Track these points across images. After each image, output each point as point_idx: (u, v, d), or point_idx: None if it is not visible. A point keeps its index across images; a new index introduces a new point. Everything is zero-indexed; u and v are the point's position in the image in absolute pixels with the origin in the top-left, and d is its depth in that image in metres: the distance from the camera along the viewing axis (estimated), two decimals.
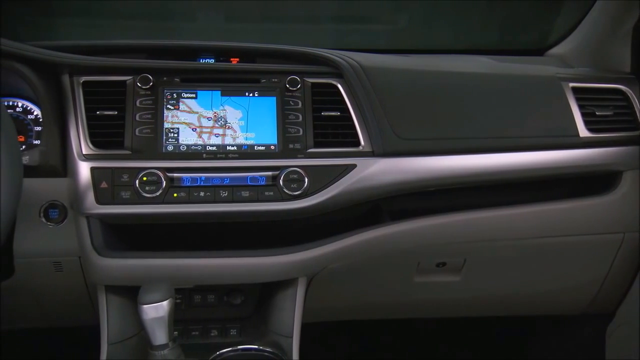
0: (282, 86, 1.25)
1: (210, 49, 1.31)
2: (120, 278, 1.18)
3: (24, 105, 1.25)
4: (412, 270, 1.39)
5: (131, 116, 1.19)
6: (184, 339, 1.24)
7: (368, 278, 1.39)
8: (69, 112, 1.18)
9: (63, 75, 1.20)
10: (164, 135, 1.20)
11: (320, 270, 1.27)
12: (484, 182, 1.30)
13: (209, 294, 1.32)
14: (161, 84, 1.22)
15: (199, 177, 1.18)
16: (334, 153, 1.22)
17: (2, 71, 1.14)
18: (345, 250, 1.24)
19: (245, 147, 1.21)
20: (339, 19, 2.01)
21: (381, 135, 1.23)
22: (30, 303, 1.34)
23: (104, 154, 1.16)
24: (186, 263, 1.18)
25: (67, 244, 1.20)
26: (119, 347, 1.19)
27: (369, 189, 1.23)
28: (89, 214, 1.15)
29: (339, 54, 1.29)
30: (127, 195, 1.14)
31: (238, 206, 1.18)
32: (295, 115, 1.24)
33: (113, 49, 1.27)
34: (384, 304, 1.52)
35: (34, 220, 1.18)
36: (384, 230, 1.27)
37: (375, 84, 1.25)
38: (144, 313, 1.04)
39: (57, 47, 1.21)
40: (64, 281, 1.26)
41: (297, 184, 1.18)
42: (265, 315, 1.29)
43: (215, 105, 1.24)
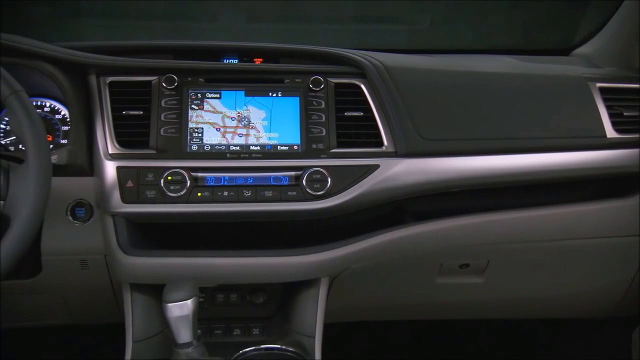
0: (306, 86, 1.25)
1: (234, 49, 1.31)
2: (145, 276, 1.19)
3: (52, 105, 1.26)
4: (434, 272, 1.39)
5: (156, 116, 1.20)
6: (207, 337, 1.25)
7: (390, 279, 1.38)
8: (95, 112, 1.19)
9: (90, 75, 1.21)
10: (189, 135, 1.21)
11: (342, 271, 1.27)
12: (508, 183, 1.29)
13: (232, 293, 1.33)
14: (186, 84, 1.23)
15: (222, 177, 1.18)
16: (357, 153, 1.22)
17: (32, 72, 1.16)
18: (367, 250, 1.24)
19: (269, 147, 1.22)
20: (359, 19, 2.00)
21: (404, 135, 1.22)
22: (56, 300, 1.36)
23: (129, 153, 1.18)
24: (210, 262, 1.19)
25: (93, 242, 1.21)
26: (144, 344, 1.20)
27: (391, 190, 1.22)
28: (114, 212, 1.16)
29: (362, 54, 1.29)
30: (152, 194, 1.16)
31: (261, 206, 1.18)
32: (318, 116, 1.24)
33: (138, 49, 1.28)
34: (405, 305, 1.51)
35: (61, 218, 1.19)
36: (407, 231, 1.26)
37: (398, 84, 1.25)
38: (169, 311, 1.05)
39: (84, 48, 1.22)
40: (89, 279, 1.27)
41: (320, 184, 1.18)
42: (288, 315, 1.29)
43: (239, 105, 1.24)
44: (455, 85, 1.31)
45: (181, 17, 1.94)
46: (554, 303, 1.56)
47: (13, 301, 1.30)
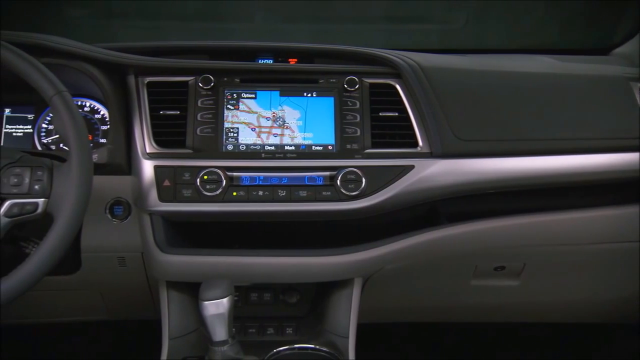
0: (340, 86, 1.25)
1: (269, 49, 1.32)
2: (181, 274, 1.21)
3: (92, 105, 1.29)
4: (469, 273, 1.38)
5: (193, 116, 1.22)
6: (241, 335, 1.26)
7: (424, 280, 1.38)
8: (134, 112, 1.21)
9: (129, 75, 1.23)
10: (224, 134, 1.22)
11: (376, 271, 1.26)
12: (545, 185, 1.27)
13: (265, 292, 1.34)
14: (222, 84, 1.24)
15: (257, 177, 1.19)
16: (392, 154, 1.22)
17: (72, 72, 1.18)
18: (401, 251, 1.23)
19: (303, 147, 1.22)
20: (392, 19, 1.99)
21: (440, 136, 1.21)
22: (94, 297, 1.39)
23: (166, 152, 1.19)
24: (245, 261, 1.20)
25: (130, 240, 1.23)
26: (179, 342, 1.22)
27: (426, 191, 1.22)
28: (152, 211, 1.18)
29: (397, 54, 1.28)
30: (189, 193, 1.17)
31: (295, 206, 1.19)
32: (353, 116, 1.24)
33: (175, 50, 1.30)
34: (439, 307, 1.50)
35: (100, 216, 1.22)
36: (441, 233, 1.25)
37: (434, 84, 1.24)
38: (205, 309, 1.06)
39: (123, 49, 1.24)
40: (127, 276, 1.30)
41: (355, 185, 1.18)
42: (321, 315, 1.30)
43: (274, 105, 1.25)
44: (491, 86, 1.30)
45: (212, 18, 1.96)
46: (590, 307, 1.53)
47: (53, 297, 1.33)
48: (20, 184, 0.96)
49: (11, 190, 0.95)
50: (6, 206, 0.95)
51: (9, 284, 0.91)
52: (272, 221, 1.24)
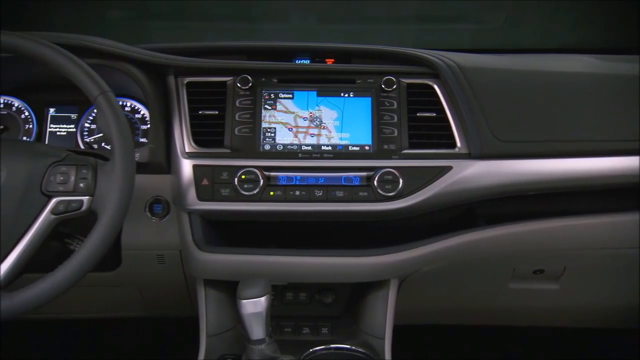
0: (378, 87, 1.25)
1: (307, 49, 1.32)
2: (219, 272, 1.22)
3: (132, 104, 1.32)
4: (507, 276, 1.36)
5: (231, 116, 1.23)
6: (277, 335, 1.26)
7: (461, 282, 1.36)
8: (173, 112, 1.23)
9: (169, 76, 1.25)
10: (262, 134, 1.22)
11: (412, 273, 1.26)
12: (588, 187, 1.24)
13: (301, 292, 1.34)
14: (260, 85, 1.25)
15: (294, 176, 1.20)
16: (429, 154, 1.21)
17: (114, 72, 1.20)
18: (439, 253, 1.22)
19: (340, 147, 1.22)
20: (425, 18, 1.98)
21: (479, 136, 1.20)
22: (133, 293, 1.41)
23: (205, 152, 1.21)
24: (282, 261, 1.20)
25: (169, 238, 1.25)
26: (216, 339, 1.23)
27: (464, 192, 1.20)
28: (190, 209, 1.20)
29: (436, 54, 1.27)
30: (227, 192, 1.18)
31: (332, 206, 1.19)
32: (390, 116, 1.23)
33: (213, 50, 1.31)
34: (475, 310, 1.48)
35: (139, 214, 1.24)
36: (479, 235, 1.24)
37: (473, 85, 1.23)
38: (243, 308, 1.06)
39: (163, 49, 1.26)
40: (165, 274, 1.32)
41: (392, 185, 1.18)
42: (357, 316, 1.29)
43: (311, 105, 1.25)
44: (531, 86, 1.28)
45: (245, 19, 1.97)
46: (633, 313, 1.49)
47: (94, 293, 1.36)
48: (66, 182, 0.98)
49: (57, 188, 0.98)
50: (52, 203, 0.97)
51: (55, 279, 0.93)
52: (308, 221, 1.25)
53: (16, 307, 0.92)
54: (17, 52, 0.99)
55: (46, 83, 1.29)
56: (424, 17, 1.97)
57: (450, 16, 1.94)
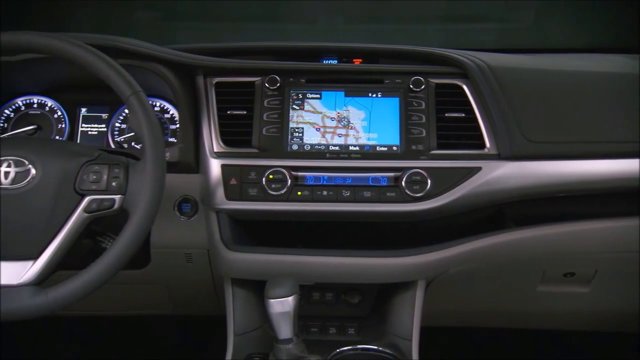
0: (406, 87, 1.24)
1: (335, 49, 1.32)
2: (247, 272, 1.23)
3: (162, 104, 1.33)
4: (536, 279, 1.34)
5: (259, 116, 1.23)
6: (304, 334, 1.27)
7: (489, 284, 1.35)
8: (202, 112, 1.24)
9: (198, 76, 1.26)
10: (289, 134, 1.23)
11: (440, 274, 1.25)
12: (621, 188, 1.22)
13: (327, 292, 1.34)
14: (287, 85, 1.25)
15: (322, 177, 1.20)
16: (458, 155, 1.20)
17: (144, 72, 1.21)
18: (467, 254, 1.21)
19: (368, 147, 1.22)
20: (452, 18, 1.96)
21: (509, 137, 1.18)
22: (161, 291, 1.43)
23: (233, 152, 1.21)
24: (310, 260, 1.20)
25: (197, 237, 1.26)
26: (244, 338, 1.24)
27: (493, 193, 1.19)
28: (218, 209, 1.20)
29: (465, 54, 1.26)
30: (255, 192, 1.19)
31: (359, 206, 1.18)
32: (418, 116, 1.23)
33: (242, 50, 1.32)
34: (504, 312, 1.47)
35: (168, 213, 1.25)
36: (508, 236, 1.22)
37: (503, 85, 1.21)
38: (271, 307, 1.07)
39: (192, 50, 1.27)
40: (193, 272, 1.33)
41: (420, 186, 1.17)
42: (384, 316, 1.29)
43: (338, 105, 1.25)
44: (562, 86, 1.26)
45: (268, 19, 1.98)
46: None
47: (123, 290, 1.38)
48: (98, 180, 1.00)
49: (90, 186, 0.99)
50: (85, 202, 0.99)
51: (88, 276, 0.94)
52: (334, 221, 1.25)
53: (51, 304, 0.93)
54: (52, 53, 1.01)
55: (78, 83, 1.31)
56: (451, 17, 1.95)
57: (476, 16, 1.91)
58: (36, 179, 0.98)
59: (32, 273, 0.96)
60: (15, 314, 0.94)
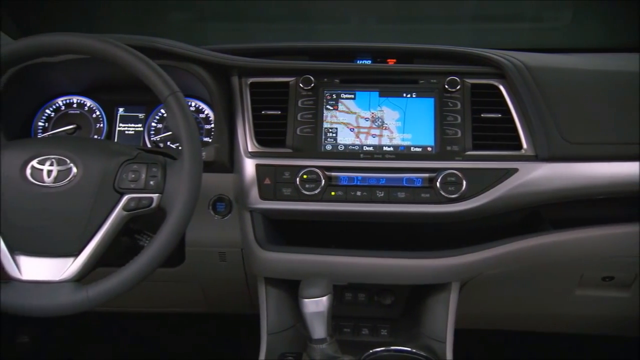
0: (441, 87, 1.23)
1: (369, 50, 1.32)
2: (280, 271, 1.23)
3: (197, 104, 1.34)
4: (573, 282, 1.31)
5: (293, 116, 1.24)
6: (336, 334, 1.26)
7: (524, 287, 1.33)
8: (237, 112, 1.25)
9: (233, 76, 1.27)
10: (324, 134, 1.23)
11: (474, 276, 1.23)
12: None
13: (360, 293, 1.34)
14: (322, 85, 1.26)
15: (355, 177, 1.20)
16: (494, 156, 1.18)
17: (180, 73, 1.22)
18: (503, 257, 1.20)
19: (402, 148, 1.21)
20: (483, 17, 1.93)
21: (547, 138, 1.17)
22: (195, 289, 1.44)
23: (267, 151, 1.22)
24: (343, 261, 1.20)
25: (231, 235, 1.27)
26: (277, 337, 1.24)
27: (531, 195, 1.18)
28: (252, 208, 1.21)
29: (501, 54, 1.25)
30: (288, 192, 1.19)
31: (393, 207, 1.18)
32: (453, 117, 1.21)
33: (276, 51, 1.32)
34: (540, 316, 1.44)
35: (203, 212, 1.26)
36: (545, 239, 1.21)
37: (540, 85, 1.19)
38: (305, 307, 1.07)
39: (226, 50, 1.28)
40: (226, 271, 1.34)
41: (455, 187, 1.16)
42: (417, 318, 1.28)
43: (372, 106, 1.25)
44: (601, 86, 1.23)
45: (299, 20, 1.98)
46: None
47: (158, 288, 1.40)
48: (137, 179, 1.01)
49: (129, 185, 1.01)
50: (124, 200, 1.00)
51: (127, 273, 0.96)
52: (368, 221, 1.24)
53: (91, 300, 0.95)
54: (93, 54, 1.03)
55: (116, 83, 1.33)
56: (483, 17, 1.93)
57: (509, 15, 1.89)
58: (77, 177, 1.00)
59: (73, 270, 0.98)
60: (57, 310, 0.96)
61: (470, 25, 1.95)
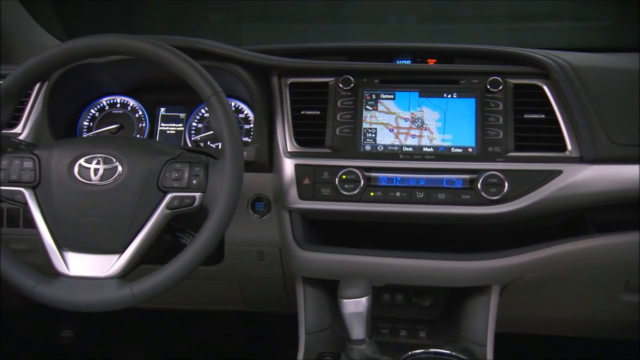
0: (483, 87, 1.22)
1: (409, 49, 1.31)
2: (318, 271, 1.24)
3: (236, 104, 1.36)
4: (618, 287, 1.28)
5: (332, 116, 1.24)
6: (374, 335, 1.26)
7: (567, 291, 1.30)
8: (276, 112, 1.26)
9: (272, 77, 1.28)
10: (363, 135, 1.22)
11: (516, 279, 1.21)
12: None
13: (398, 294, 1.34)
14: (361, 85, 1.25)
15: (395, 177, 1.19)
16: (537, 157, 1.16)
17: (221, 73, 1.23)
18: (545, 260, 1.18)
19: (442, 148, 1.20)
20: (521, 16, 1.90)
21: (592, 140, 1.14)
22: (233, 288, 1.46)
23: (306, 151, 1.22)
24: (382, 262, 1.20)
25: (269, 235, 1.28)
26: (315, 337, 1.25)
27: (575, 197, 1.15)
28: (291, 208, 1.22)
29: (545, 53, 1.22)
30: (327, 192, 1.19)
31: (433, 208, 1.17)
32: (495, 118, 1.20)
33: (316, 51, 1.32)
34: (583, 321, 1.41)
35: (242, 211, 1.27)
36: (589, 243, 1.18)
37: (586, 85, 1.17)
38: (344, 307, 1.07)
39: (266, 51, 1.29)
40: (264, 270, 1.34)
41: (497, 189, 1.14)
42: (456, 321, 1.27)
43: (412, 106, 1.24)
44: None
45: (334, 20, 1.98)
46: None
47: (197, 286, 1.41)
48: (180, 178, 1.02)
49: (172, 184, 1.02)
50: (168, 199, 1.02)
51: (170, 271, 0.97)
52: (405, 222, 1.23)
53: (135, 296, 0.97)
54: (138, 55, 1.04)
55: (158, 84, 1.36)
56: (521, 16, 1.90)
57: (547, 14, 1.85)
58: (123, 176, 1.02)
59: (118, 266, 0.99)
60: (102, 305, 0.98)
61: (507, 24, 1.92)
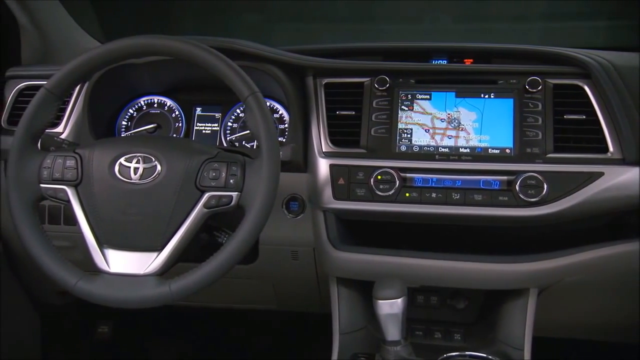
0: (521, 87, 1.20)
1: (445, 49, 1.30)
2: (353, 271, 1.23)
3: (271, 104, 1.36)
4: None
5: (367, 116, 1.23)
6: (409, 337, 1.25)
7: (607, 295, 1.27)
8: (312, 112, 1.26)
9: (308, 77, 1.28)
10: (398, 135, 1.22)
11: (554, 283, 1.19)
12: None
13: (432, 296, 1.32)
14: (397, 86, 1.25)
15: (430, 178, 1.18)
16: (577, 159, 1.14)
17: (256, 73, 1.24)
18: (584, 264, 1.16)
19: (479, 149, 1.19)
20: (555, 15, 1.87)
21: (635, 141, 1.11)
22: (267, 287, 1.46)
23: (341, 152, 1.22)
24: (417, 263, 1.19)
25: (303, 235, 1.28)
26: (348, 338, 1.24)
27: (617, 200, 1.13)
28: (326, 208, 1.22)
29: (586, 53, 1.20)
30: (362, 192, 1.19)
31: (470, 209, 1.15)
32: (534, 118, 1.18)
33: (351, 51, 1.32)
34: (624, 326, 1.37)
35: (277, 210, 1.27)
36: (630, 247, 1.16)
37: (629, 85, 1.14)
38: (380, 308, 1.07)
39: (301, 51, 1.29)
40: (298, 269, 1.35)
41: (535, 190, 1.12)
42: (492, 324, 1.25)
43: (449, 106, 1.23)
44: None
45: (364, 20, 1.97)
46: None
47: (231, 284, 1.43)
48: (217, 177, 1.03)
49: (210, 183, 1.03)
50: (205, 198, 1.03)
51: (208, 269, 0.98)
52: (440, 224, 1.22)
53: (173, 294, 0.98)
54: (177, 56, 1.05)
55: (194, 84, 1.37)
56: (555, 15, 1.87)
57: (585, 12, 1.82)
58: (162, 175, 1.03)
59: (157, 264, 1.01)
60: (141, 302, 0.99)
61: (541, 23, 1.89)
